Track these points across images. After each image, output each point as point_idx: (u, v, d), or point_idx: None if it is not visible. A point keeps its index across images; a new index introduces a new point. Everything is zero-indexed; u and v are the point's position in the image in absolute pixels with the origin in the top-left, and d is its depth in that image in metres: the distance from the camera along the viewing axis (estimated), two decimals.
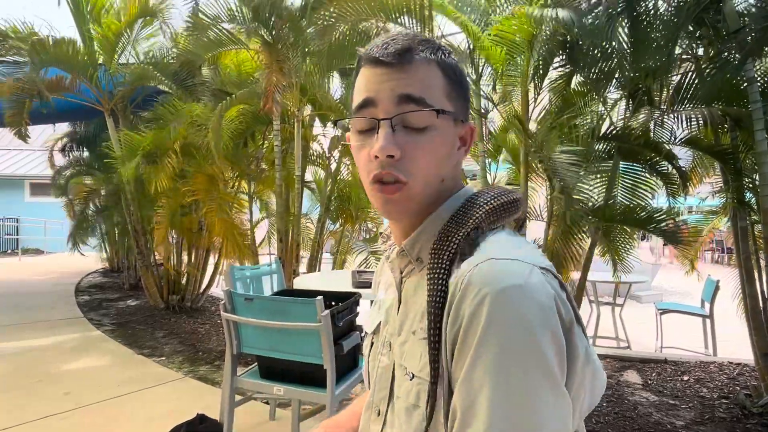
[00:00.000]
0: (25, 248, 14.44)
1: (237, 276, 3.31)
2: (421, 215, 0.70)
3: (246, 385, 2.44)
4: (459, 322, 0.57)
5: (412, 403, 0.65)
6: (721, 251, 15.07)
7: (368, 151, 0.66)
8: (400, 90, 0.64)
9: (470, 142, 0.73)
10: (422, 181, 0.66)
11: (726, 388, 3.65)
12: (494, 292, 0.54)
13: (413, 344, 0.67)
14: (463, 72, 0.71)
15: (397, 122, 0.64)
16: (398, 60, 0.65)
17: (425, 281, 0.66)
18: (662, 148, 3.45)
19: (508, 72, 3.63)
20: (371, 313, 0.86)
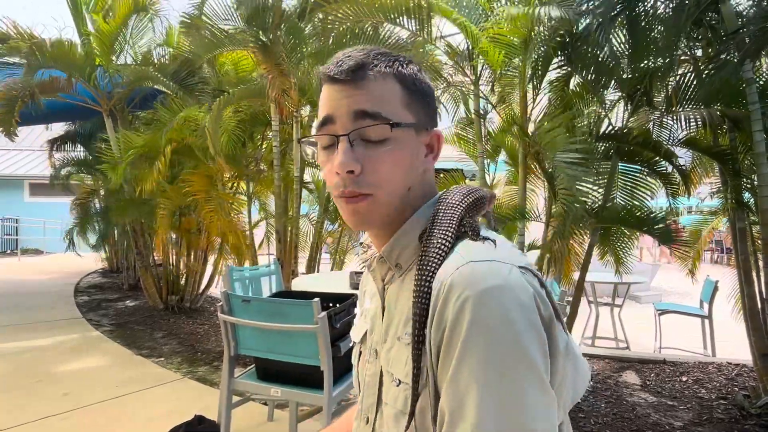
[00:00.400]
0: (24, 248, 14.44)
1: (235, 277, 3.31)
2: (393, 224, 0.71)
3: (243, 387, 2.44)
4: (443, 326, 0.58)
5: (399, 409, 0.66)
6: (721, 251, 15.07)
7: (331, 167, 0.67)
8: (355, 106, 0.65)
9: (438, 148, 0.74)
10: (386, 191, 0.67)
11: (724, 389, 3.65)
12: (476, 293, 0.56)
13: (399, 350, 0.68)
14: (425, 80, 0.72)
15: (355, 137, 0.65)
16: (352, 77, 0.66)
17: (407, 286, 0.68)
18: (661, 147, 3.45)
19: (506, 73, 3.64)
20: (358, 323, 0.88)
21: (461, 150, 4.83)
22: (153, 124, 5.55)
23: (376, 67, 0.67)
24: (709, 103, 3.17)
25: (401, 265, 0.72)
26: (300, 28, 4.59)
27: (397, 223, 0.71)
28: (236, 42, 4.80)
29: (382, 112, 0.66)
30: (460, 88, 4.55)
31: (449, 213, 0.68)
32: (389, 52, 0.70)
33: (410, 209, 0.71)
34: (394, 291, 0.73)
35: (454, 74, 4.50)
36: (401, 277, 0.72)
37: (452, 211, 0.68)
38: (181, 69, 5.62)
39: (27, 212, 15.22)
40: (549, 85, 3.71)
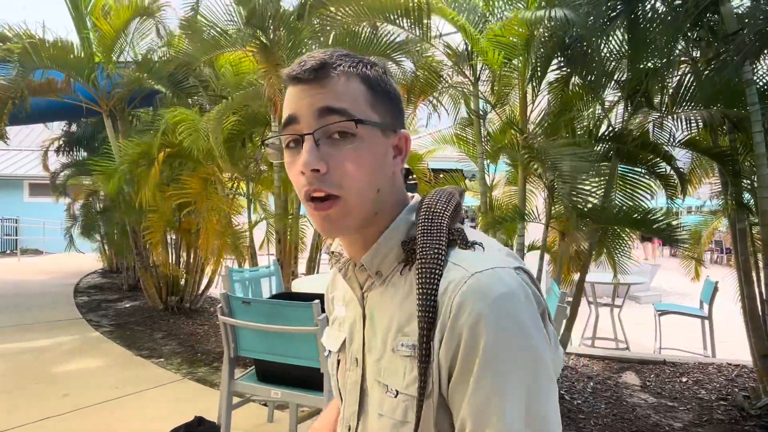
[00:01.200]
0: (24, 248, 14.44)
1: (235, 278, 3.31)
2: (366, 228, 0.69)
3: (243, 389, 2.45)
4: (456, 341, 0.59)
5: (399, 419, 0.66)
6: (720, 251, 15.06)
7: (297, 167, 0.66)
8: (319, 104, 0.64)
9: (406, 150, 0.72)
10: (354, 192, 0.65)
11: (724, 390, 3.65)
12: (488, 306, 0.58)
13: (393, 361, 0.67)
14: (391, 82, 0.71)
15: (320, 135, 0.64)
16: (315, 75, 0.65)
17: (390, 294, 0.69)
18: (660, 149, 3.45)
19: (505, 74, 3.64)
20: (330, 332, 0.86)
21: (461, 150, 4.82)
22: (151, 126, 5.54)
23: (340, 66, 0.66)
24: (709, 104, 3.17)
25: (381, 272, 0.71)
26: (299, 28, 4.58)
27: (371, 227, 0.70)
28: (235, 42, 4.80)
29: (348, 109, 0.64)
30: (459, 88, 4.55)
31: (437, 222, 0.68)
32: (353, 54, 0.70)
33: (382, 213, 0.70)
34: (376, 299, 0.72)
35: (454, 75, 4.50)
36: (383, 285, 0.71)
37: (440, 220, 0.68)
38: (177, 71, 5.60)
39: (26, 212, 15.21)
40: (548, 86, 3.70)
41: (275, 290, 3.54)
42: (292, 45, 4.57)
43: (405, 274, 0.70)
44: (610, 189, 3.50)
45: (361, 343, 0.74)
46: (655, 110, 3.43)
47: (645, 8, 3.24)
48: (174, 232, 6.49)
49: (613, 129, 3.58)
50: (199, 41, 4.85)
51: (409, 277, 0.68)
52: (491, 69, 3.65)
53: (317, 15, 3.87)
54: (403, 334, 0.66)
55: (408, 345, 0.65)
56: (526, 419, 0.57)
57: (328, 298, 0.92)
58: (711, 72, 3.11)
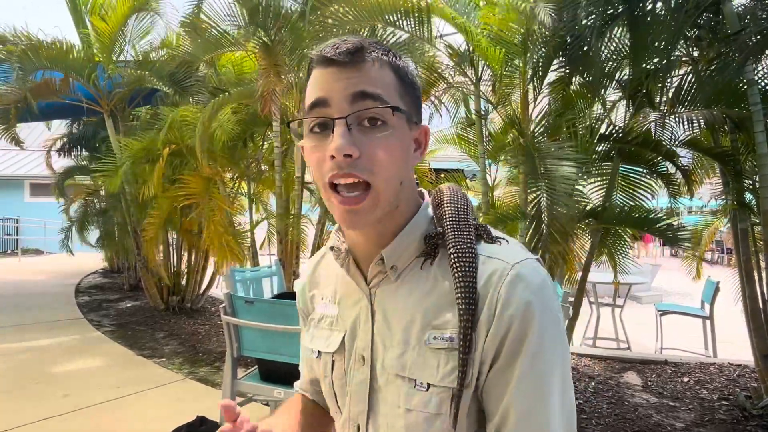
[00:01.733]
0: (25, 248, 14.45)
1: (237, 278, 3.31)
2: (382, 222, 0.68)
3: (246, 388, 2.45)
4: (504, 329, 0.62)
5: (432, 412, 0.65)
6: (721, 252, 15.05)
7: (322, 154, 0.64)
8: (354, 88, 0.63)
9: (425, 144, 0.72)
10: (383, 180, 0.64)
11: (726, 390, 3.65)
12: (534, 295, 0.62)
13: (423, 355, 0.66)
14: (415, 74, 0.71)
15: (352, 121, 0.62)
16: (350, 59, 0.63)
17: (406, 288, 0.69)
18: (662, 147, 3.45)
19: (507, 73, 3.63)
20: (316, 332, 0.82)
21: (462, 150, 4.82)
22: (153, 125, 5.54)
23: (374, 53, 0.65)
24: (711, 104, 3.17)
25: (397, 266, 0.70)
26: (301, 28, 4.59)
27: (388, 221, 0.69)
28: (236, 42, 4.80)
29: (382, 95, 0.63)
30: (460, 88, 4.55)
31: (464, 217, 0.69)
32: (382, 42, 0.69)
33: (400, 207, 0.70)
34: (388, 294, 0.72)
35: (455, 75, 4.50)
36: (398, 280, 0.71)
37: (466, 216, 0.70)
38: (178, 70, 5.60)
39: (27, 212, 15.23)
40: (550, 86, 3.70)
41: (277, 290, 3.54)
42: (293, 45, 4.57)
43: (426, 268, 0.69)
44: (612, 189, 3.50)
45: (368, 341, 0.72)
46: (656, 110, 3.43)
47: (646, 8, 3.24)
48: (175, 233, 6.49)
49: (614, 128, 3.58)
50: (200, 40, 4.84)
51: (432, 271, 0.69)
52: (492, 69, 3.65)
53: (319, 17, 3.87)
54: (433, 328, 0.66)
55: (443, 338, 0.65)
56: (561, 409, 0.62)
57: (305, 296, 0.88)
58: (712, 72, 3.11)
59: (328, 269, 0.84)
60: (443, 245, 0.68)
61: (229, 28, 4.76)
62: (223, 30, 4.75)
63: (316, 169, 0.66)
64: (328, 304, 0.81)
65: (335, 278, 0.81)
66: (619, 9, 3.26)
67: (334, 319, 0.79)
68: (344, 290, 0.78)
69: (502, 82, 3.79)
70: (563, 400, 0.62)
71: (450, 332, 0.64)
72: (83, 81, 5.80)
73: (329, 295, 0.81)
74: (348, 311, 0.77)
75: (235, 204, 5.81)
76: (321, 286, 0.84)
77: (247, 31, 4.54)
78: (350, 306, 0.77)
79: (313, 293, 0.86)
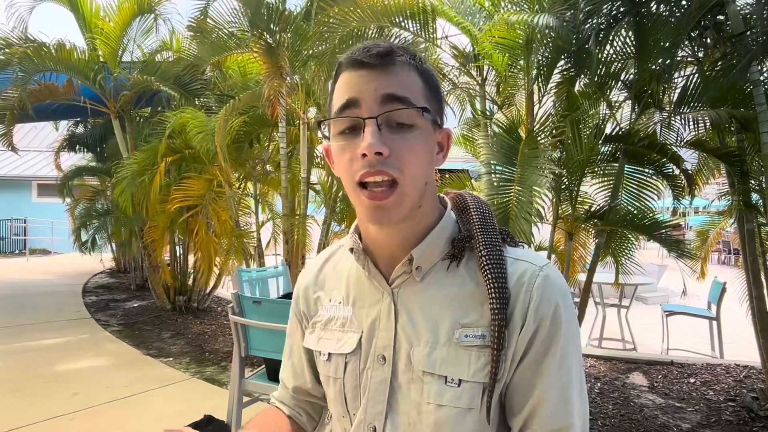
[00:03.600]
0: (32, 248, 14.55)
1: (244, 278, 3.33)
2: (406, 221, 0.70)
3: (253, 388, 2.47)
4: (535, 326, 0.67)
5: (464, 407, 0.68)
6: (728, 252, 14.97)
7: (351, 153, 0.66)
8: (384, 90, 0.65)
9: (447, 147, 0.75)
10: (410, 179, 0.66)
11: (732, 391, 3.64)
12: (562, 295, 0.69)
13: (453, 352, 0.69)
14: (438, 80, 0.73)
15: (382, 121, 0.65)
16: (381, 61, 0.66)
17: (433, 288, 0.72)
18: (668, 150, 3.44)
19: (511, 74, 3.64)
20: (324, 334, 0.82)
21: (468, 151, 4.83)
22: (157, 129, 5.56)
23: (402, 57, 0.67)
24: (716, 104, 3.16)
25: (422, 267, 0.73)
26: (305, 29, 4.61)
27: (410, 221, 0.71)
28: (241, 44, 4.83)
29: (410, 98, 0.66)
30: (466, 89, 4.55)
31: (490, 221, 0.73)
32: (409, 48, 0.71)
33: (423, 208, 0.72)
34: (414, 294, 0.73)
35: (460, 76, 4.50)
36: (422, 281, 0.73)
37: (492, 220, 0.74)
38: (184, 73, 5.64)
39: (35, 213, 15.33)
40: (555, 86, 3.70)
41: (283, 290, 3.56)
42: (297, 46, 4.59)
43: (452, 270, 0.72)
44: (618, 189, 3.50)
45: (391, 339, 0.74)
46: (662, 111, 3.43)
47: (650, 9, 3.24)
48: (181, 233, 6.52)
49: (620, 129, 3.58)
50: (207, 43, 4.88)
51: (459, 273, 0.72)
52: (497, 71, 3.66)
53: (323, 18, 3.88)
54: (463, 326, 0.69)
55: (475, 335, 0.68)
56: (580, 403, 0.68)
57: (309, 298, 0.87)
58: (717, 73, 3.10)
59: (336, 271, 0.85)
60: (470, 248, 0.72)
61: (234, 31, 4.79)
62: (229, 32, 4.78)
63: (345, 169, 0.68)
64: (339, 306, 0.81)
65: (346, 279, 0.81)
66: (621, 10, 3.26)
67: (347, 320, 0.79)
68: (360, 291, 0.79)
69: (507, 83, 3.80)
70: (581, 395, 0.69)
71: (482, 330, 0.68)
72: (89, 83, 5.84)
73: (339, 297, 0.81)
74: (365, 312, 0.78)
75: (240, 205, 5.84)
76: (327, 288, 0.84)
77: (252, 34, 4.56)
78: (368, 306, 0.77)
79: (318, 295, 0.86)
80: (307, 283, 0.88)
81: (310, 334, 0.85)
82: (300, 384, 0.91)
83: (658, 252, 15.60)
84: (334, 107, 0.69)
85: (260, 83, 4.92)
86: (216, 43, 4.89)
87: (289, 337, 0.93)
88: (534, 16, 2.86)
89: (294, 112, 5.07)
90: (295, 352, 0.92)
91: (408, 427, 0.71)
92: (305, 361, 0.90)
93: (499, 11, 3.72)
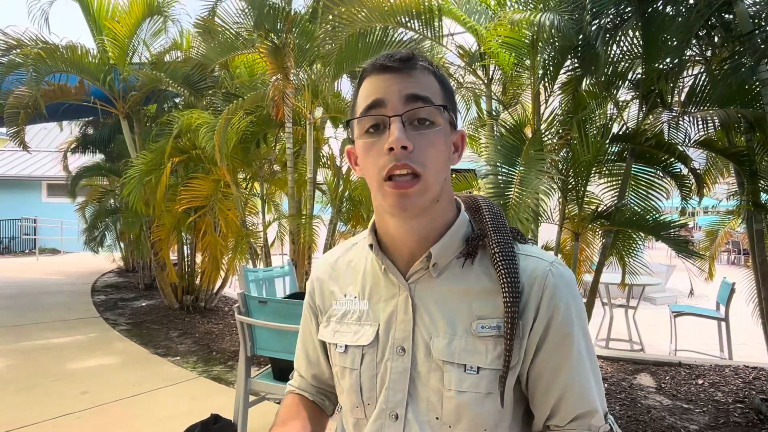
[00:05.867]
0: (42, 248, 14.70)
1: (250, 278, 3.35)
2: (427, 214, 0.76)
3: (260, 387, 2.48)
4: (548, 317, 0.73)
5: (483, 392, 0.74)
6: (738, 252, 14.83)
7: (378, 150, 0.71)
8: (408, 90, 0.71)
9: (462, 147, 0.80)
10: (433, 173, 0.72)
11: (741, 393, 3.61)
12: (572, 289, 0.75)
13: (471, 342, 0.75)
14: (451, 86, 0.80)
15: (406, 119, 0.71)
16: (404, 65, 0.73)
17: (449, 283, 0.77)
18: (675, 149, 3.42)
19: (517, 74, 3.63)
20: (340, 327, 0.86)
21: (474, 151, 4.82)
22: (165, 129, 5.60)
23: (422, 62, 0.74)
24: (725, 104, 3.13)
25: (438, 264, 0.77)
26: (311, 30, 4.62)
27: (427, 216, 0.76)
28: (247, 45, 4.85)
29: (431, 98, 0.72)
30: (472, 89, 4.55)
31: (502, 221, 0.79)
32: (427, 57, 0.77)
33: (441, 203, 0.77)
34: (429, 288, 0.78)
35: (466, 75, 4.50)
36: (439, 276, 0.78)
37: (503, 220, 0.79)
38: (192, 72, 5.68)
39: (44, 212, 15.48)
40: (561, 86, 3.69)
41: (289, 290, 3.57)
42: (303, 46, 4.60)
43: (467, 266, 0.77)
44: (625, 189, 3.48)
45: (410, 331, 0.78)
46: (669, 110, 3.40)
47: (657, 8, 3.22)
48: (188, 233, 6.56)
49: (627, 128, 3.56)
50: (214, 43, 4.90)
51: (473, 269, 0.77)
52: (503, 70, 3.65)
53: (328, 19, 3.89)
54: (480, 318, 0.75)
55: (491, 326, 0.74)
56: (596, 384, 0.76)
57: (324, 292, 0.91)
58: (725, 72, 3.08)
59: (351, 267, 0.89)
60: (483, 246, 0.78)
61: (241, 31, 4.81)
62: (236, 32, 4.80)
63: (372, 165, 0.73)
64: (354, 300, 0.86)
65: (362, 274, 0.86)
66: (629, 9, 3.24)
67: (363, 313, 0.84)
68: (376, 286, 0.83)
69: (513, 83, 3.79)
70: (598, 382, 0.76)
71: (497, 321, 0.74)
72: (99, 84, 5.89)
73: (355, 291, 0.86)
74: (381, 305, 0.82)
75: (247, 205, 5.86)
76: (342, 283, 0.89)
77: (258, 35, 4.58)
78: (384, 300, 0.82)
79: (333, 289, 0.90)
80: (322, 277, 0.93)
81: (325, 327, 0.89)
82: (317, 373, 0.97)
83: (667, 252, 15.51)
84: (359, 108, 0.75)
85: (266, 83, 4.94)
86: (223, 43, 4.91)
87: (303, 329, 0.97)
88: (537, 15, 2.85)
89: (300, 112, 5.08)
90: (309, 344, 0.97)
91: (428, 413, 0.76)
92: (320, 352, 0.94)
93: (504, 10, 3.71)
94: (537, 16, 2.81)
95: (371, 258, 0.83)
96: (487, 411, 0.74)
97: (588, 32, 3.08)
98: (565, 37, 2.99)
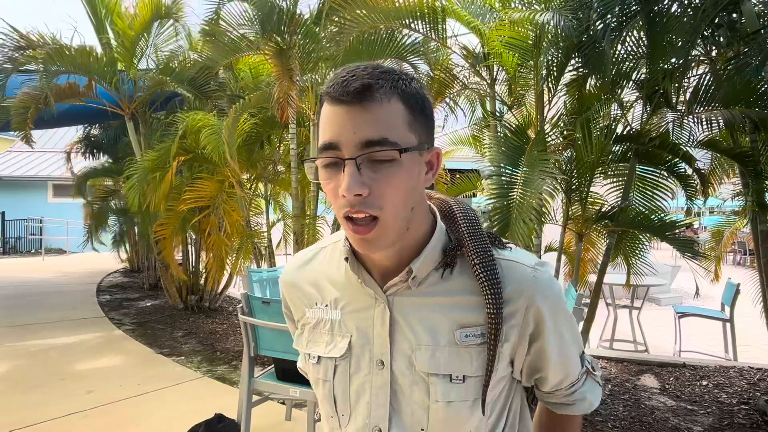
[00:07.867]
0: (48, 248, 14.78)
1: (254, 278, 3.36)
2: (396, 243, 0.72)
3: (263, 387, 2.49)
4: (535, 319, 0.75)
5: (472, 399, 0.74)
6: (743, 253, 14.74)
7: (336, 187, 0.66)
8: (362, 134, 0.64)
9: (437, 165, 0.74)
10: (392, 213, 0.67)
11: (746, 394, 3.59)
12: (555, 292, 0.76)
13: (455, 353, 0.74)
14: (426, 97, 0.71)
15: (362, 161, 0.64)
16: (358, 99, 0.64)
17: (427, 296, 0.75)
18: (680, 149, 3.41)
19: (521, 74, 3.63)
20: (313, 337, 0.84)
21: (478, 152, 4.82)
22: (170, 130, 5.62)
23: (382, 88, 0.65)
24: (730, 104, 3.12)
25: (417, 276, 0.74)
26: (316, 32, 4.63)
27: (401, 242, 0.72)
28: (252, 47, 4.86)
29: (388, 138, 0.65)
30: (476, 90, 4.55)
31: (478, 228, 0.76)
32: (393, 69, 0.69)
33: (413, 227, 0.73)
34: (408, 301, 0.76)
35: (470, 76, 4.50)
36: (418, 287, 0.75)
37: (479, 227, 0.77)
38: (198, 75, 5.70)
39: (50, 213, 15.57)
40: (565, 86, 3.68)
41: None
42: (308, 48, 4.62)
43: (446, 276, 0.76)
44: (629, 190, 3.47)
45: (387, 346, 0.76)
46: (674, 110, 3.39)
47: (663, 7, 3.21)
48: (193, 233, 6.58)
49: (631, 129, 3.55)
50: (219, 45, 4.92)
51: (453, 279, 0.75)
52: (507, 71, 3.65)
53: (333, 21, 3.90)
54: (463, 327, 0.74)
55: (475, 334, 0.73)
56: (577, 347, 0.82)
57: (294, 299, 0.88)
58: (730, 72, 3.07)
59: (320, 273, 0.84)
60: (461, 255, 0.76)
61: (246, 33, 4.83)
62: (241, 35, 4.82)
63: (332, 200, 0.69)
64: (326, 309, 0.82)
65: (333, 283, 0.82)
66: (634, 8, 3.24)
67: (335, 324, 0.81)
68: (349, 296, 0.80)
69: (518, 83, 3.78)
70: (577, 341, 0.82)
71: (480, 329, 0.73)
72: (105, 85, 5.93)
73: (327, 300, 0.82)
74: (355, 316, 0.79)
75: (252, 205, 5.88)
76: (311, 291, 0.84)
77: (263, 37, 4.60)
78: (358, 311, 0.79)
79: (303, 296, 0.86)
80: (290, 283, 0.88)
81: (300, 335, 0.87)
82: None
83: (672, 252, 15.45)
84: (320, 141, 0.68)
85: (271, 84, 4.95)
86: (228, 45, 4.93)
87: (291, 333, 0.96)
88: (537, 14, 2.84)
89: (304, 114, 5.10)
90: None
91: (413, 425, 0.75)
92: None
93: (507, 11, 3.71)
94: (538, 16, 2.81)
95: (345, 266, 0.79)
96: (476, 416, 0.74)
97: (594, 31, 3.08)
98: (568, 37, 2.99)
